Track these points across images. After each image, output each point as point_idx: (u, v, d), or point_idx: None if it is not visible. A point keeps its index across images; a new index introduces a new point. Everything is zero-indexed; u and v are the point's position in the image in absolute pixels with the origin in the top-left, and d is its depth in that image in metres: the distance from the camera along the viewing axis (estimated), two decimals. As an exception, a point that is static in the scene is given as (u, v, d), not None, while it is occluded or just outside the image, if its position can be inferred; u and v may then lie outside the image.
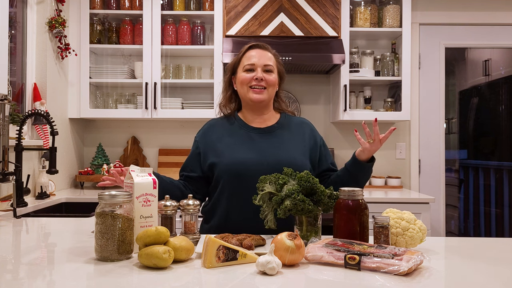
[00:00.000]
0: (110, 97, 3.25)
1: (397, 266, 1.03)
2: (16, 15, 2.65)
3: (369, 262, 1.06)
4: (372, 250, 1.10)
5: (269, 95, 1.64)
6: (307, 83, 3.40)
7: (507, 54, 3.60)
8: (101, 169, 3.13)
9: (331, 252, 1.12)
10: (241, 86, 1.64)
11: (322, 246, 1.15)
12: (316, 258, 1.13)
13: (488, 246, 1.41)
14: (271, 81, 1.62)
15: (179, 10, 3.14)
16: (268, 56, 1.64)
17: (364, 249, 1.12)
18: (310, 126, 1.74)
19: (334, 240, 1.19)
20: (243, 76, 1.63)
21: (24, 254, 1.26)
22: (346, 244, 1.15)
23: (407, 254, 1.08)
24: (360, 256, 1.07)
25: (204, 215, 1.69)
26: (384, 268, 1.04)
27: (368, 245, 1.15)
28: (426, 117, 3.43)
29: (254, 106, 1.65)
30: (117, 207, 1.15)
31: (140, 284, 0.98)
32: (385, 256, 1.06)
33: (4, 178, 1.97)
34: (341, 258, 1.09)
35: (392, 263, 1.04)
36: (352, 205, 1.27)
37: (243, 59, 1.65)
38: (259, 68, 1.61)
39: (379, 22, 3.23)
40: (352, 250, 1.11)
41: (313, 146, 1.67)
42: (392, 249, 1.11)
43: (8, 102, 2.06)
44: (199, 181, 1.66)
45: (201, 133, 1.73)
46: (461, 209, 3.65)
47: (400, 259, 1.05)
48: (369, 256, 1.07)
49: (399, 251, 1.10)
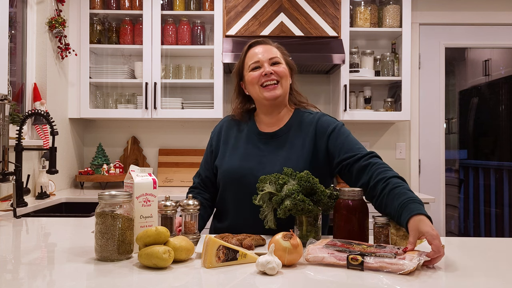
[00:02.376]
0: (110, 97, 3.25)
1: (401, 265, 1.03)
2: (16, 15, 2.65)
3: (372, 262, 1.05)
4: (373, 250, 1.10)
5: (283, 88, 1.52)
6: (307, 83, 3.40)
7: (507, 54, 3.60)
8: (101, 169, 3.13)
9: (332, 253, 1.11)
10: (252, 86, 1.53)
11: (322, 247, 1.14)
12: (317, 259, 1.12)
13: (488, 246, 1.41)
14: (281, 72, 1.51)
15: (179, 10, 3.14)
16: (272, 50, 1.55)
17: (364, 249, 1.11)
18: (315, 126, 1.53)
19: (333, 241, 1.18)
20: (251, 75, 1.52)
21: (24, 254, 1.26)
22: (346, 245, 1.15)
23: (409, 253, 1.08)
24: (363, 256, 1.06)
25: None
26: (387, 267, 1.04)
27: (367, 245, 1.15)
28: (426, 117, 3.43)
29: (269, 104, 1.53)
30: (117, 207, 1.15)
31: (140, 284, 0.98)
32: (387, 256, 1.06)
33: (4, 178, 1.97)
34: (343, 259, 1.08)
35: (395, 263, 1.04)
36: (352, 205, 1.27)
37: (246, 59, 1.56)
38: (266, 63, 1.51)
39: (379, 22, 3.23)
40: (353, 250, 1.10)
41: (314, 151, 1.49)
42: (392, 248, 1.11)
43: (8, 102, 2.06)
44: (214, 183, 1.63)
45: (215, 131, 1.68)
46: (461, 209, 3.65)
47: (403, 258, 1.05)
48: (372, 256, 1.07)
49: (400, 251, 1.10)
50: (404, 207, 1.20)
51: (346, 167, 1.42)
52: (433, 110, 3.43)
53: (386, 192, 1.27)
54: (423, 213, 1.16)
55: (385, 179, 1.30)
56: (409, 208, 1.18)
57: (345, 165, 1.43)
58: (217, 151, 1.62)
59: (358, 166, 1.38)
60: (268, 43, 1.58)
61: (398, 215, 1.21)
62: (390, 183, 1.29)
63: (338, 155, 1.45)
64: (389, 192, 1.27)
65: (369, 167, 1.37)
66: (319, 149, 1.50)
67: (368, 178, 1.35)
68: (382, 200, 1.29)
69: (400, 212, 1.20)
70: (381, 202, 1.29)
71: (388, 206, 1.26)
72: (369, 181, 1.34)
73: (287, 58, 1.59)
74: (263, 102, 1.55)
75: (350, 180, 1.43)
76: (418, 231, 1.13)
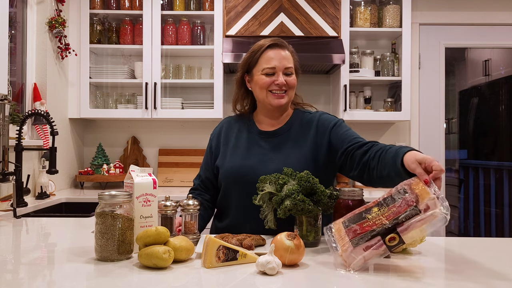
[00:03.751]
0: (110, 97, 3.25)
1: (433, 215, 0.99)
2: (16, 15, 2.65)
3: (406, 229, 1.00)
4: (391, 214, 1.03)
5: (289, 98, 1.56)
6: (307, 83, 3.40)
7: (507, 54, 3.60)
8: (101, 169, 3.13)
9: (366, 246, 1.02)
10: (260, 90, 1.54)
11: (349, 246, 1.04)
12: (360, 263, 1.03)
13: (488, 246, 1.41)
14: (292, 84, 1.54)
15: (179, 10, 3.14)
16: (288, 58, 1.54)
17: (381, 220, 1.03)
18: (316, 123, 1.56)
19: (347, 230, 1.08)
20: (262, 79, 1.52)
21: (24, 254, 1.26)
22: (361, 224, 1.06)
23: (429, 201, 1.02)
24: (396, 232, 1.00)
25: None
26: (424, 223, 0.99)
27: (378, 209, 1.07)
28: (426, 117, 3.43)
29: (273, 110, 1.57)
30: (117, 207, 1.15)
31: (140, 284, 0.98)
32: (413, 214, 1.00)
33: (4, 178, 1.97)
34: (381, 246, 1.01)
35: (427, 216, 0.99)
36: (352, 205, 1.27)
37: (261, 60, 1.54)
38: (280, 72, 1.51)
39: (379, 22, 3.23)
40: (375, 227, 1.03)
41: (315, 147, 1.52)
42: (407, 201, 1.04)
43: (8, 102, 2.06)
44: (215, 184, 1.64)
45: (215, 133, 1.69)
46: (461, 209, 3.65)
47: (428, 208, 1.01)
48: (400, 224, 1.00)
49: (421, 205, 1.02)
50: (397, 154, 1.23)
51: (349, 153, 1.45)
52: (433, 110, 3.43)
53: (383, 155, 1.31)
54: (415, 149, 1.20)
55: (383, 148, 1.34)
56: (400, 152, 1.21)
57: (348, 152, 1.45)
58: (218, 152, 1.62)
59: (362, 151, 1.42)
60: (286, 48, 1.57)
61: (394, 163, 1.22)
62: (386, 148, 1.33)
63: (342, 145, 1.48)
64: (385, 153, 1.30)
65: (370, 149, 1.40)
66: (321, 146, 1.52)
67: (368, 156, 1.38)
68: (381, 163, 1.30)
69: (394, 160, 1.22)
70: (381, 166, 1.30)
71: (386, 163, 1.27)
72: (368, 158, 1.37)
73: (296, 64, 1.60)
74: (267, 106, 1.57)
75: (352, 166, 1.44)
76: (416, 160, 1.13)
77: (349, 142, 1.46)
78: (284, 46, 1.57)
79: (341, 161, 1.48)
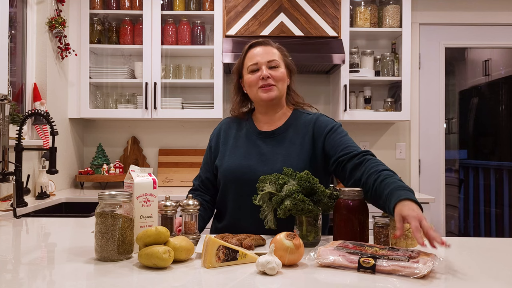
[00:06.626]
0: (110, 97, 3.25)
1: (414, 269, 1.00)
2: (16, 15, 2.65)
3: (384, 265, 1.02)
4: (386, 253, 1.07)
5: (279, 91, 1.55)
6: (307, 83, 3.40)
7: (507, 54, 3.60)
8: (101, 169, 3.13)
9: (344, 255, 1.08)
10: (250, 88, 1.57)
11: (333, 249, 1.11)
12: (327, 261, 1.09)
13: (488, 246, 1.41)
14: (278, 77, 1.54)
15: (179, 10, 3.14)
16: (271, 52, 1.56)
17: (377, 251, 1.09)
18: (313, 126, 1.55)
19: (344, 243, 1.16)
20: (249, 78, 1.56)
21: (24, 254, 1.26)
22: (358, 247, 1.12)
23: (422, 257, 1.05)
24: (375, 259, 1.04)
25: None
26: (401, 271, 1.01)
27: (379, 247, 1.13)
28: (426, 117, 3.43)
29: (266, 105, 1.58)
30: (117, 207, 1.15)
31: (140, 284, 0.97)
32: (400, 259, 1.03)
33: (4, 178, 1.97)
34: (354, 262, 1.05)
35: (409, 266, 1.01)
36: (352, 205, 1.27)
37: (246, 60, 1.59)
38: (264, 66, 1.53)
39: (379, 22, 3.23)
40: (365, 253, 1.08)
41: (312, 150, 1.52)
42: (406, 252, 1.08)
43: (8, 102, 2.06)
44: (215, 184, 1.65)
45: (214, 133, 1.70)
46: (461, 209, 3.65)
47: (417, 261, 1.02)
48: (384, 259, 1.04)
49: (414, 254, 1.07)
50: (392, 195, 1.21)
51: (341, 164, 1.44)
52: (433, 110, 3.43)
53: (378, 184, 1.28)
54: (410, 198, 1.17)
55: (377, 172, 1.31)
56: (395, 195, 1.20)
57: (340, 162, 1.44)
58: (217, 152, 1.63)
59: (352, 164, 1.40)
60: (269, 44, 1.59)
61: (388, 203, 1.21)
62: (381, 175, 1.30)
63: (334, 153, 1.47)
64: (380, 183, 1.28)
65: (362, 164, 1.38)
66: (317, 149, 1.53)
67: (361, 174, 1.36)
68: (375, 192, 1.29)
69: (389, 200, 1.21)
70: (374, 195, 1.29)
71: (380, 197, 1.27)
72: (361, 176, 1.35)
73: (286, 59, 1.61)
74: (259, 103, 1.59)
75: (344, 178, 1.44)
76: (401, 215, 1.13)
77: (341, 151, 1.45)
78: (267, 43, 1.59)
79: (333, 168, 1.48)
